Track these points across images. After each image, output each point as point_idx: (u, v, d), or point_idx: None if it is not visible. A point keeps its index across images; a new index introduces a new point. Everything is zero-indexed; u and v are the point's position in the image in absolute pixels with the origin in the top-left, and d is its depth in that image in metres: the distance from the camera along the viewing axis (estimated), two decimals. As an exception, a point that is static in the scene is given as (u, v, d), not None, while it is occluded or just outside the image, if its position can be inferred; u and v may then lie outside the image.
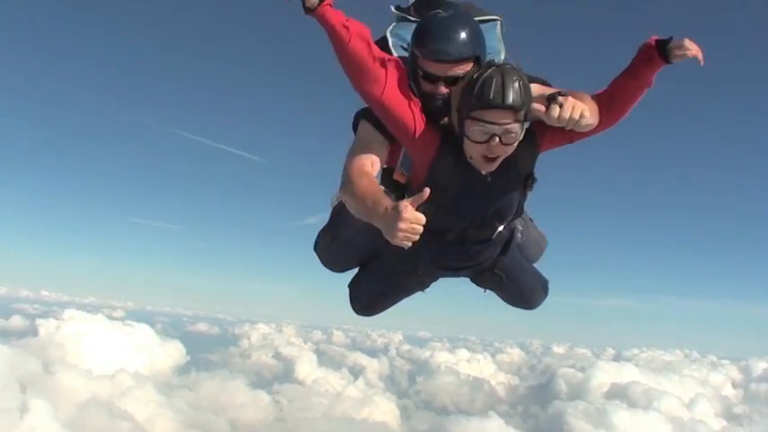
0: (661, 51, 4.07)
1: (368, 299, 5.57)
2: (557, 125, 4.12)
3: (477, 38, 4.28)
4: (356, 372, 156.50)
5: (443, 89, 4.24)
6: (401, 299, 5.62)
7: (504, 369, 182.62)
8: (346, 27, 4.04)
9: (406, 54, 4.52)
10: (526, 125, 4.17)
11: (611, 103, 4.33)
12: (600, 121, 4.34)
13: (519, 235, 5.12)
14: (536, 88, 4.19)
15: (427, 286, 5.43)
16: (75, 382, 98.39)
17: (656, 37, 4.09)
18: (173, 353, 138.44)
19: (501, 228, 4.82)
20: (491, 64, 4.10)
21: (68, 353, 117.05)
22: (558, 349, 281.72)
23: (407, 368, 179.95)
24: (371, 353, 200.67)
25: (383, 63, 4.21)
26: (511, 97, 3.87)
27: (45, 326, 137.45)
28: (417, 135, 4.28)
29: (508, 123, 3.96)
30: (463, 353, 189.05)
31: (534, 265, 5.70)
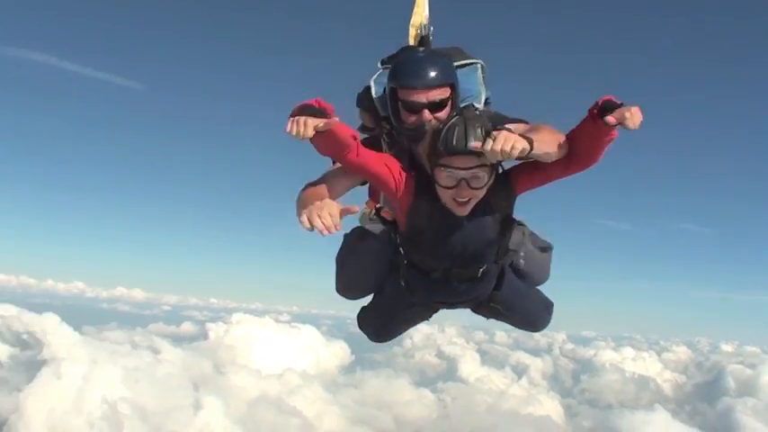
0: (602, 114, 4.02)
1: (375, 329, 5.80)
2: (493, 159, 4.15)
3: (450, 67, 4.61)
4: (519, 371, 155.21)
5: (427, 115, 4.48)
6: (406, 329, 5.97)
7: (670, 367, 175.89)
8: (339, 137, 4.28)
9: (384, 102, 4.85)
10: (497, 167, 4.50)
11: (573, 146, 4.38)
12: (569, 166, 4.49)
13: (522, 262, 5.23)
14: (512, 128, 4.28)
15: (429, 317, 5.69)
16: (245, 382, 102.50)
17: (607, 97, 4.03)
18: (338, 352, 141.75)
19: (483, 267, 4.92)
20: (457, 113, 4.39)
21: (238, 354, 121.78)
22: (727, 347, 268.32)
23: (571, 367, 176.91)
24: (535, 352, 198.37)
25: (354, 137, 4.37)
26: (467, 140, 4.16)
27: (215, 330, 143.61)
28: (398, 190, 4.60)
29: (473, 167, 4.26)
30: (628, 351, 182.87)
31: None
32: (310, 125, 3.95)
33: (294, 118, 3.98)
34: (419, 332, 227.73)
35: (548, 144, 4.24)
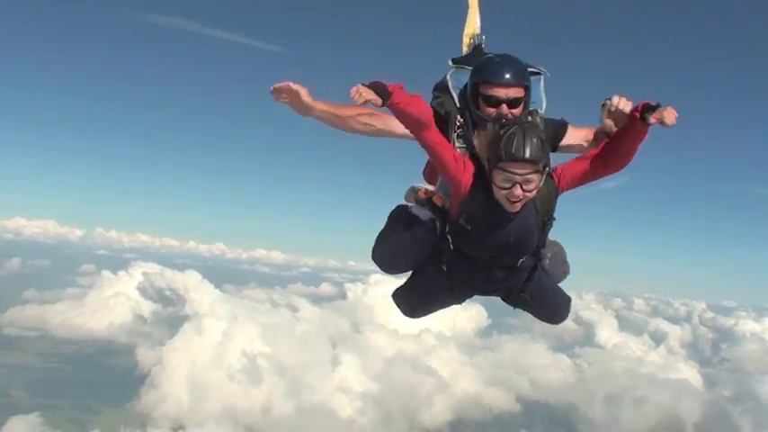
0: (643, 114, 4.70)
1: (411, 306, 6.04)
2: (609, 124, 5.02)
3: (524, 71, 5.22)
4: (658, 338, 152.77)
5: (505, 110, 5.09)
6: (440, 309, 6.11)
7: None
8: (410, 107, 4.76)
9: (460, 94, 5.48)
10: (547, 171, 4.83)
11: (614, 147, 5.00)
12: (607, 165, 5.03)
13: (546, 261, 5.56)
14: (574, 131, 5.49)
15: (462, 301, 5.93)
16: (382, 341, 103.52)
17: (646, 101, 4.71)
18: (474, 316, 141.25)
19: (523, 258, 5.29)
20: (516, 121, 4.83)
21: (375, 314, 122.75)
22: None
23: (711, 336, 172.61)
24: (674, 320, 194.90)
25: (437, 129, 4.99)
26: (529, 152, 4.59)
27: (353, 290, 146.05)
28: (459, 179, 4.97)
29: (528, 174, 4.65)
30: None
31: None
32: (364, 97, 4.46)
33: (360, 85, 4.51)
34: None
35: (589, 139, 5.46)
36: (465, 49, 6.21)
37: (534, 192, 4.74)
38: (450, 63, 5.78)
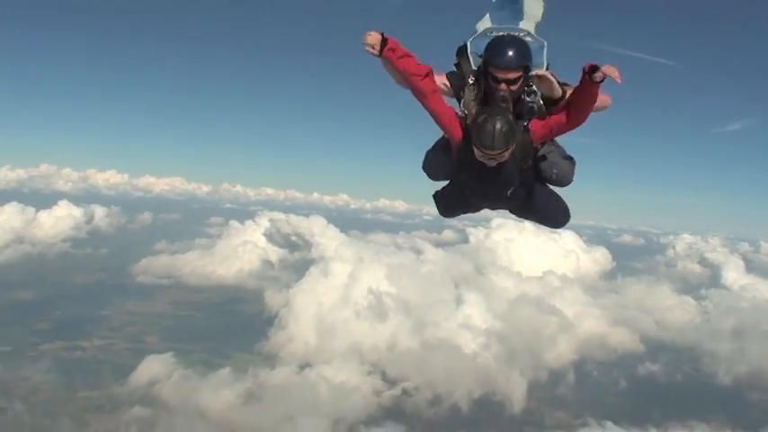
0: (590, 75, 5.67)
1: (444, 208, 7.36)
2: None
3: (525, 53, 6.13)
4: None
5: (504, 87, 6.04)
6: (468, 213, 7.48)
7: None
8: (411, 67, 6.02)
9: (478, 59, 6.43)
10: (514, 146, 5.90)
11: (572, 105, 6.05)
12: (570, 120, 6.10)
13: (554, 172, 6.68)
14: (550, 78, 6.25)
15: (480, 210, 7.28)
16: (505, 282, 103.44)
17: (590, 63, 5.66)
18: (599, 259, 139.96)
19: (509, 190, 6.49)
20: (490, 110, 5.88)
21: (498, 257, 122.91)
22: None
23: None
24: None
25: (434, 87, 6.19)
26: (495, 142, 5.71)
27: (475, 234, 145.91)
28: (451, 130, 6.26)
29: (498, 154, 5.82)
30: None
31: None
32: (368, 42, 5.83)
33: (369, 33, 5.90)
34: (682, 241, 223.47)
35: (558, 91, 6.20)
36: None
37: (507, 157, 5.94)
38: (477, 26, 6.83)
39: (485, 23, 6.78)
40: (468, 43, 6.55)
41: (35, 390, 72.36)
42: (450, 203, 7.28)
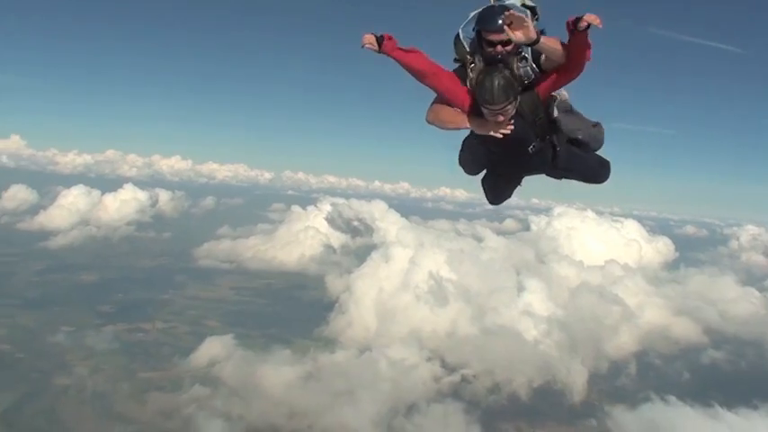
0: (575, 26, 6.00)
1: (489, 191, 7.92)
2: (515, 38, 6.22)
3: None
4: None
5: (500, 48, 6.44)
6: (510, 192, 8.05)
7: None
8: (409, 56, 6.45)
9: (470, 40, 6.82)
10: (517, 100, 6.39)
11: (566, 58, 6.39)
12: (569, 69, 6.47)
13: (580, 135, 7.14)
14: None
15: (519, 182, 7.83)
16: (567, 271, 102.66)
17: (571, 17, 6.01)
18: (661, 249, 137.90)
19: (531, 146, 6.95)
20: (487, 70, 6.39)
21: (559, 245, 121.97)
22: None
23: None
24: None
25: (435, 68, 6.63)
26: (496, 97, 6.21)
27: (536, 222, 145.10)
28: (465, 103, 6.65)
29: (501, 109, 6.28)
30: None
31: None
32: (366, 41, 6.24)
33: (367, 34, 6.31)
34: (746, 233, 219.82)
35: (552, 42, 6.33)
36: None
37: (513, 111, 6.40)
38: (470, 15, 7.03)
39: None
40: (460, 30, 6.97)
41: (97, 369, 73.96)
42: (492, 185, 7.86)
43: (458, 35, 6.98)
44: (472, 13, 6.94)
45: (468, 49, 6.82)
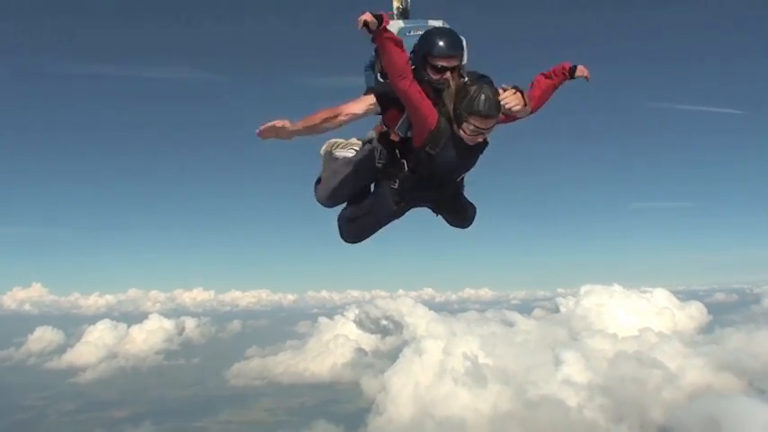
0: (569, 73, 6.51)
1: (355, 229, 7.22)
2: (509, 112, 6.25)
3: (461, 42, 6.48)
4: None
5: (448, 75, 6.26)
6: (379, 228, 7.26)
7: None
8: (395, 44, 6.06)
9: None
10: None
11: (535, 98, 6.52)
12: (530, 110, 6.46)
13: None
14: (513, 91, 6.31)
15: (401, 215, 7.12)
16: (601, 344, 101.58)
17: (568, 63, 6.51)
18: (694, 314, 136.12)
19: (463, 176, 6.93)
20: (475, 78, 6.33)
21: (591, 322, 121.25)
22: None
23: None
24: None
25: (410, 72, 6.18)
26: (494, 111, 6.04)
27: (565, 303, 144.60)
28: (429, 117, 6.27)
29: (491, 126, 6.17)
30: None
31: None
32: (363, 18, 5.73)
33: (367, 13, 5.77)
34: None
35: (522, 103, 6.31)
36: (395, 13, 7.24)
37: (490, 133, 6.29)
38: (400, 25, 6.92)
39: (395, 26, 6.77)
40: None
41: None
42: (370, 218, 7.12)
43: (372, 63, 6.91)
44: (409, 33, 6.71)
45: (382, 80, 6.70)
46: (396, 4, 7.24)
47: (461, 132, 6.18)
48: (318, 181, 7.37)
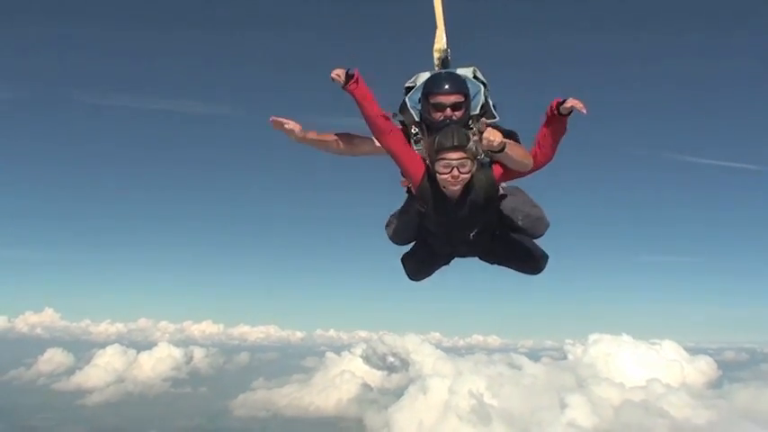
0: (558, 110, 6.00)
1: (413, 266, 7.39)
2: (480, 147, 6.07)
3: (464, 83, 6.59)
4: None
5: (449, 113, 6.39)
6: (434, 270, 7.43)
7: None
8: (372, 103, 6.23)
9: (417, 110, 6.73)
10: (481, 158, 6.16)
11: (541, 146, 6.27)
12: (537, 161, 6.30)
13: (519, 222, 6.76)
14: (500, 134, 6.15)
15: (448, 263, 7.27)
16: (608, 392, 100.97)
17: (557, 100, 6.02)
18: (703, 368, 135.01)
19: (473, 232, 6.63)
20: (446, 123, 6.29)
21: (598, 371, 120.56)
22: None
23: None
24: None
25: (392, 127, 6.39)
26: (456, 140, 5.93)
27: (573, 351, 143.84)
28: (417, 172, 6.37)
29: (461, 159, 5.97)
30: None
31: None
32: (335, 73, 6.03)
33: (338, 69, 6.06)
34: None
35: (517, 154, 6.16)
36: (436, 62, 7.38)
37: (469, 174, 6.09)
38: (405, 86, 7.13)
39: (421, 78, 6.99)
40: (407, 99, 6.86)
41: None
42: (419, 260, 7.34)
43: (404, 104, 6.86)
44: (420, 81, 6.89)
45: (416, 119, 6.72)
46: (436, 55, 7.40)
47: (440, 180, 6.11)
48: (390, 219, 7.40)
